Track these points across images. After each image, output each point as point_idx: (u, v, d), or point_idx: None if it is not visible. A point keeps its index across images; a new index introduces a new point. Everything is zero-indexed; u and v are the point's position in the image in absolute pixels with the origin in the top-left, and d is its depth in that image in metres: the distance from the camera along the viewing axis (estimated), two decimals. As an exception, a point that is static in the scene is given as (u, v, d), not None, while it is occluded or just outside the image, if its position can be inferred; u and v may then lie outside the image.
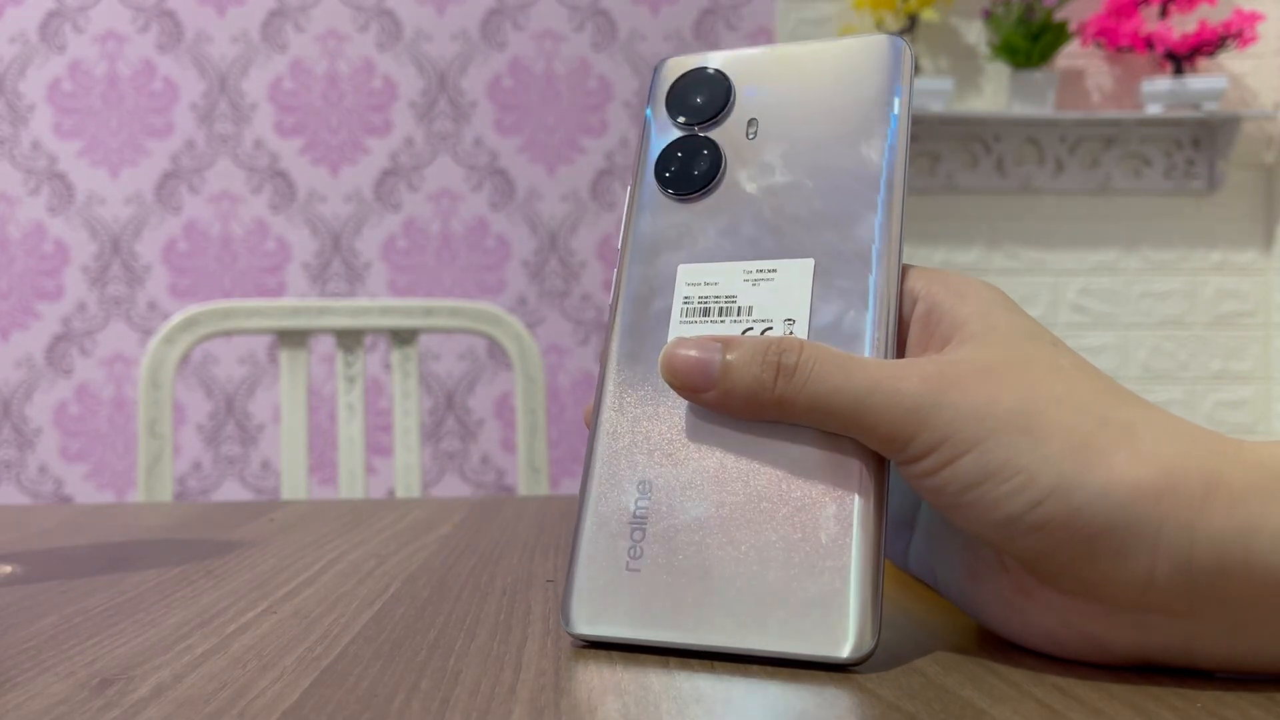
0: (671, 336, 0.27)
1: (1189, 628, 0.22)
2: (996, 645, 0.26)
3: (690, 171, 0.28)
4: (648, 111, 0.30)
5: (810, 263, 0.26)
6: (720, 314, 0.27)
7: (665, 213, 0.28)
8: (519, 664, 0.25)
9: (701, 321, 0.27)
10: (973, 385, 0.23)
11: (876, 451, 0.25)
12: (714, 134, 0.29)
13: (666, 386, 0.26)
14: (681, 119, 0.29)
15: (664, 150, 0.29)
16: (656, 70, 0.30)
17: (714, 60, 0.30)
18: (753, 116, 0.28)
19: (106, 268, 2.14)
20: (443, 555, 0.40)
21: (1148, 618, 0.23)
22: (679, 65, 0.30)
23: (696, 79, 0.29)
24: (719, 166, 0.28)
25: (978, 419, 0.23)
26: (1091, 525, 0.22)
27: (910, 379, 0.24)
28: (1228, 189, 2.26)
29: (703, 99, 0.29)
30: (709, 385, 0.25)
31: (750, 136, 0.28)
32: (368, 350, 2.09)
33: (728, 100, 0.29)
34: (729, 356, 0.25)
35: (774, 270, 0.27)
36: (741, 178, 0.28)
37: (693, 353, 0.25)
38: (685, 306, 0.27)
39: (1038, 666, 0.24)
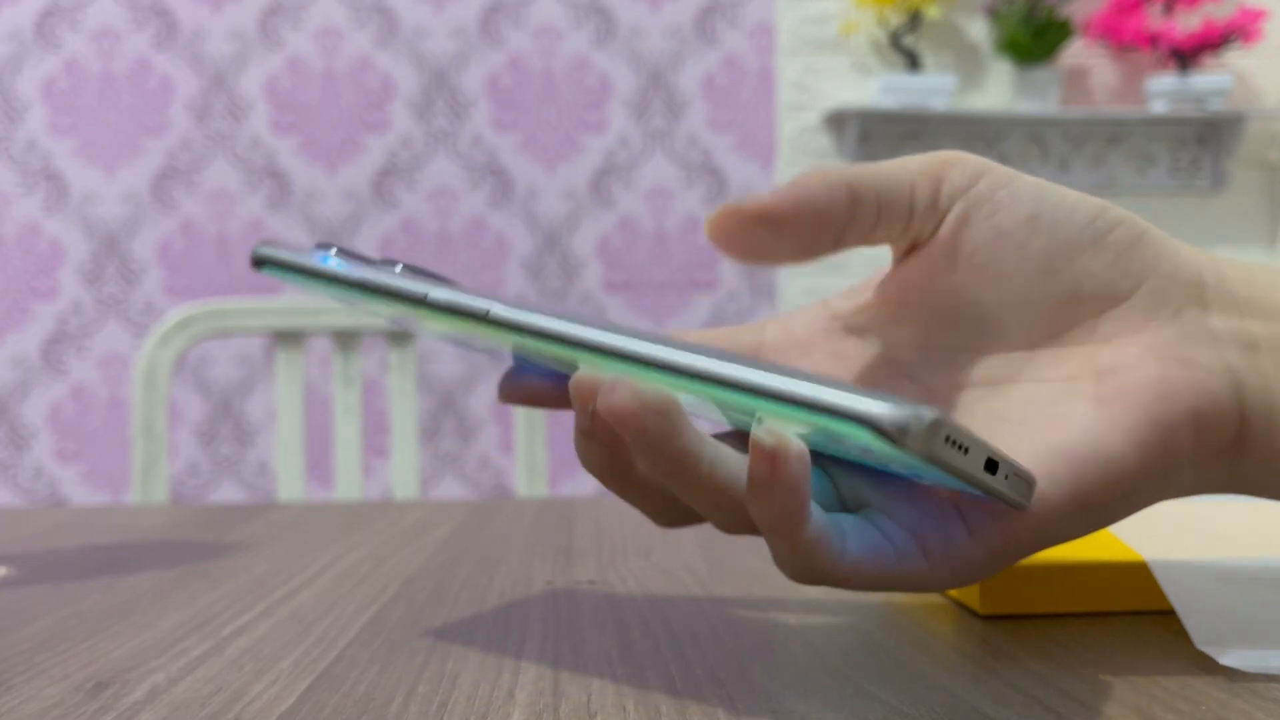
0: None
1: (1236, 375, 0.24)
2: (1000, 648, 0.26)
3: None
4: None
5: None
6: None
7: None
8: (517, 667, 0.25)
9: None
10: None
11: (917, 227, 0.24)
12: None
13: None
14: None
15: None
16: None
17: None
18: None
19: (102, 267, 2.14)
20: (441, 557, 0.40)
21: (1195, 359, 0.23)
22: None
23: None
24: None
25: (993, 166, 0.24)
26: (1136, 227, 0.24)
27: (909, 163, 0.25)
28: (1233, 187, 2.26)
29: None
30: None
31: None
32: (365, 351, 2.10)
33: None
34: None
35: None
36: None
37: None
38: None
39: (1042, 670, 0.24)
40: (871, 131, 2.21)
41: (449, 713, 0.22)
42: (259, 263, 0.27)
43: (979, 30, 2.23)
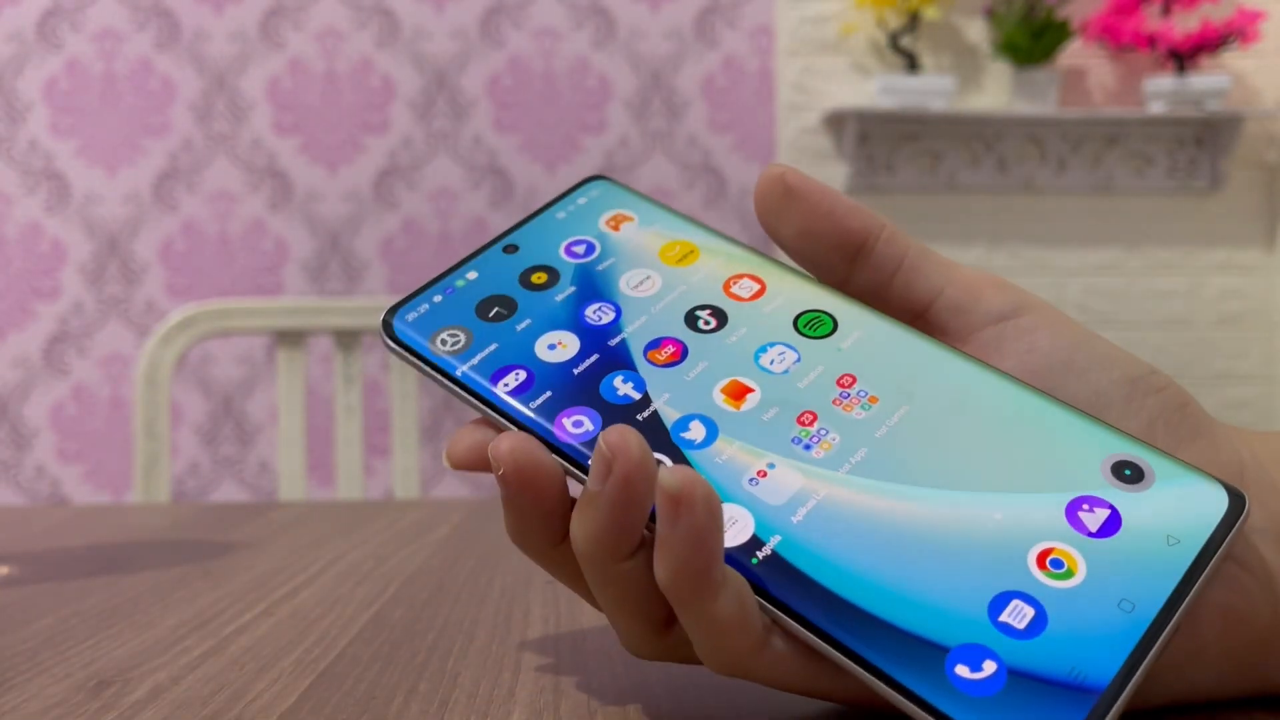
0: None
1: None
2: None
3: None
4: None
5: None
6: None
7: None
8: (518, 666, 0.25)
9: None
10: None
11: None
12: None
13: None
14: None
15: None
16: None
17: None
18: None
19: (104, 267, 2.14)
20: (441, 557, 0.40)
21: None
22: None
23: None
24: None
25: (1039, 304, 0.23)
26: (1179, 397, 0.23)
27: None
28: (1231, 188, 2.26)
29: None
30: None
31: None
32: (366, 350, 2.09)
33: None
34: None
35: None
36: None
37: None
38: None
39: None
40: (871, 132, 2.21)
41: (450, 711, 0.22)
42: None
43: (978, 31, 2.23)
